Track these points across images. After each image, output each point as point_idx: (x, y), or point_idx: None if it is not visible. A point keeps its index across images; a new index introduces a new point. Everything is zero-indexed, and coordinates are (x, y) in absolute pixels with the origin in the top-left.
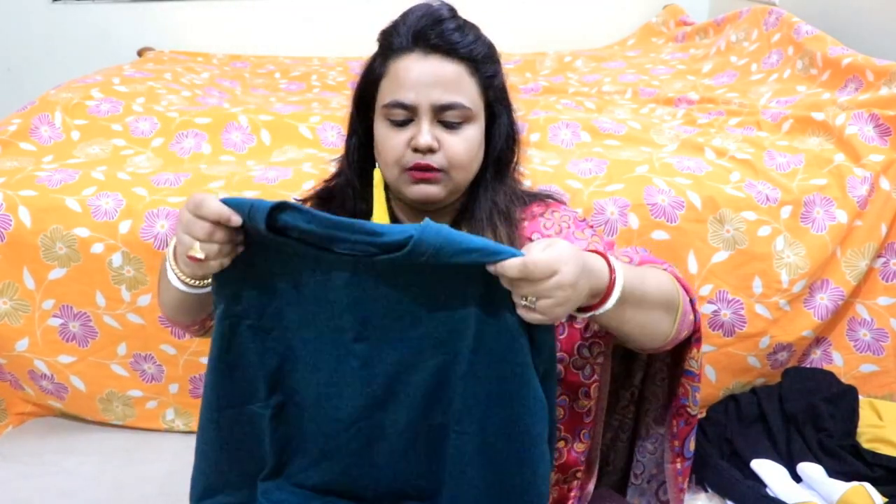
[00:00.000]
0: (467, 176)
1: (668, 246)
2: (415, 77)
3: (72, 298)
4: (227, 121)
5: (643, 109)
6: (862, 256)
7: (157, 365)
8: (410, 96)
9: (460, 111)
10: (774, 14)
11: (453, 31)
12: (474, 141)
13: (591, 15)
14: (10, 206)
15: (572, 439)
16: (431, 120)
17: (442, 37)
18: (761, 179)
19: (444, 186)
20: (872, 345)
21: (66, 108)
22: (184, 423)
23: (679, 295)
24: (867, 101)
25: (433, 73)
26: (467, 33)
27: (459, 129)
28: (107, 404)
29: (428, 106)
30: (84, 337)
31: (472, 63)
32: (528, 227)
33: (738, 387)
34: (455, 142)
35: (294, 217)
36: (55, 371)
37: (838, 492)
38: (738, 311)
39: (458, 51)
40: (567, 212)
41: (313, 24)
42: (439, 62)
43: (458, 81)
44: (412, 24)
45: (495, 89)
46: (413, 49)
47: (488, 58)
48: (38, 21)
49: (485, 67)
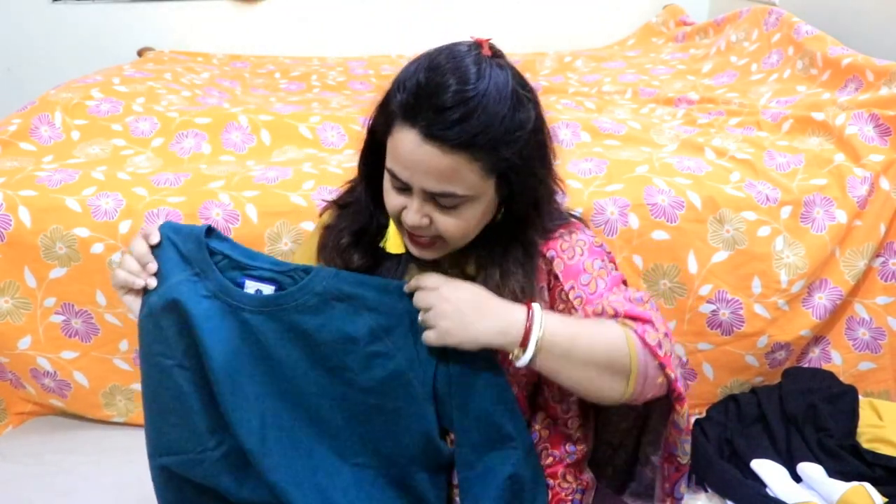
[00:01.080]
0: (465, 241)
1: (668, 246)
2: (409, 159)
3: (73, 297)
4: (227, 121)
5: (643, 109)
6: (861, 256)
7: None
8: (405, 175)
9: (453, 199)
10: (774, 14)
11: (454, 124)
12: (471, 219)
13: (591, 15)
14: (10, 206)
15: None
16: (424, 199)
17: (440, 128)
18: (761, 179)
19: (440, 249)
20: (871, 343)
21: (66, 108)
22: None
23: (632, 359)
24: (867, 101)
25: (426, 162)
26: (471, 124)
27: (454, 210)
28: (109, 399)
29: (420, 189)
30: (86, 333)
31: (475, 150)
32: (546, 245)
33: (735, 385)
34: (446, 221)
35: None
36: (58, 367)
37: (838, 492)
38: (737, 310)
39: (458, 146)
40: (584, 236)
41: (313, 24)
42: (435, 153)
43: (452, 173)
44: (417, 93)
45: (512, 161)
46: (413, 126)
47: (501, 140)
48: (38, 21)
49: (494, 150)
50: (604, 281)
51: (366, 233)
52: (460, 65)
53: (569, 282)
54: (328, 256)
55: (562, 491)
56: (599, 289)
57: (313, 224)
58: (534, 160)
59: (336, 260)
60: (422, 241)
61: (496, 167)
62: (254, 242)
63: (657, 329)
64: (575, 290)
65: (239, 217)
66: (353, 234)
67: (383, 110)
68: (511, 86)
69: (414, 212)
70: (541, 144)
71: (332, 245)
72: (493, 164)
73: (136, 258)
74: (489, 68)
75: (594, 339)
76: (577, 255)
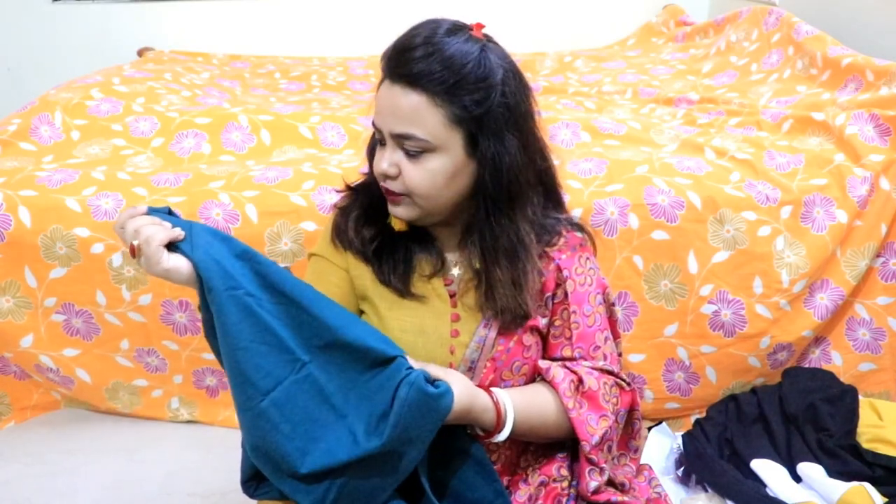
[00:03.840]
0: (437, 202)
1: (668, 246)
2: (381, 104)
3: (73, 297)
4: (227, 121)
5: (643, 109)
6: (862, 256)
7: (161, 358)
8: (377, 121)
9: (416, 142)
10: (774, 14)
11: (418, 60)
12: (437, 173)
13: (591, 15)
14: (10, 206)
15: None
16: (394, 146)
17: (404, 66)
18: (761, 179)
19: (412, 209)
20: (871, 344)
21: (66, 108)
22: (188, 412)
23: (566, 421)
24: (867, 101)
25: (392, 102)
26: (433, 62)
27: (419, 159)
28: (113, 394)
29: (388, 133)
30: (87, 332)
31: (437, 94)
32: (563, 261)
33: (737, 387)
34: (411, 170)
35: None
36: (61, 365)
37: (838, 492)
38: (739, 311)
39: (417, 81)
40: (594, 265)
41: (313, 24)
42: (400, 92)
43: (413, 113)
44: (391, 49)
45: (482, 119)
46: (386, 76)
47: (462, 88)
48: (38, 21)
49: (455, 97)
50: (601, 317)
51: (372, 207)
52: (434, 22)
53: (573, 305)
54: (342, 238)
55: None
56: (595, 325)
57: (313, 224)
58: (503, 127)
59: (352, 238)
60: (393, 198)
61: (458, 119)
62: (254, 242)
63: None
64: (576, 315)
65: (239, 217)
66: (364, 210)
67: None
68: (481, 47)
69: (384, 158)
70: (515, 115)
71: (345, 225)
72: (455, 113)
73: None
74: (464, 34)
75: (543, 416)
76: (586, 285)
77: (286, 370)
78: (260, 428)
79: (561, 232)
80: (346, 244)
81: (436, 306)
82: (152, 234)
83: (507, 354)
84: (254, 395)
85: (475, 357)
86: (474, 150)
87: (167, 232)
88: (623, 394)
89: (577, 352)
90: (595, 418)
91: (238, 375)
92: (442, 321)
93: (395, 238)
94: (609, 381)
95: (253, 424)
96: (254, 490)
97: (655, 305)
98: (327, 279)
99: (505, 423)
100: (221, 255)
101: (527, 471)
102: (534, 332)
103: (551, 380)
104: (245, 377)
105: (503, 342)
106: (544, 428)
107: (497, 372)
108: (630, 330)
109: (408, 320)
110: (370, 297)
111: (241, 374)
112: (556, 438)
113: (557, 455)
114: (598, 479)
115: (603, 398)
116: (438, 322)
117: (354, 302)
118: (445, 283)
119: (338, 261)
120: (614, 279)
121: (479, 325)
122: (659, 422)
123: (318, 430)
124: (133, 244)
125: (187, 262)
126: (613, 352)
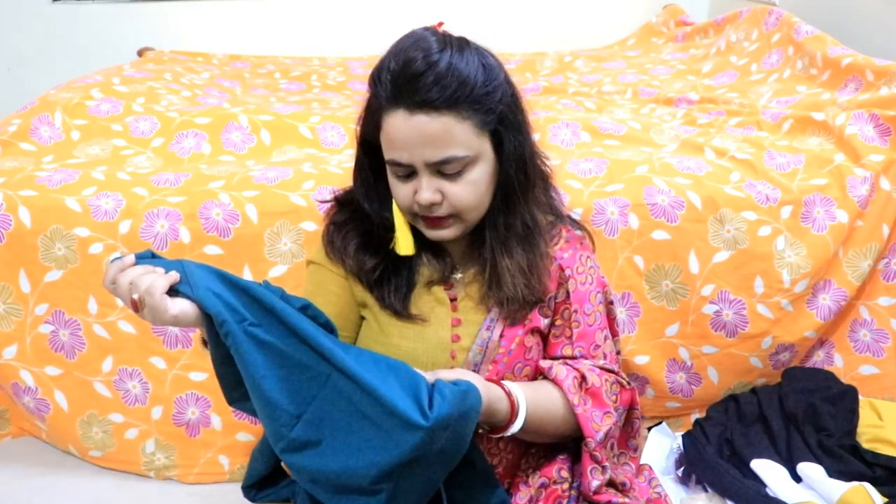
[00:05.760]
0: (481, 212)
1: (668, 246)
2: (404, 137)
3: (64, 304)
4: (227, 121)
5: (643, 109)
6: (864, 257)
7: (143, 382)
8: (405, 156)
9: (456, 163)
10: (774, 14)
11: (431, 86)
12: (480, 182)
13: (591, 15)
14: (10, 206)
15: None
16: (431, 174)
17: (421, 94)
18: (761, 179)
19: (458, 227)
20: (872, 345)
21: (66, 108)
22: (165, 456)
23: (571, 417)
24: (867, 101)
25: (420, 132)
26: (448, 82)
27: (461, 176)
28: (86, 429)
29: (422, 164)
30: (72, 347)
31: (460, 108)
32: (565, 260)
33: (739, 387)
34: (457, 190)
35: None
36: (40, 384)
37: (838, 492)
38: (741, 311)
39: (442, 104)
40: (595, 263)
41: (313, 24)
42: (425, 119)
43: (446, 135)
44: (392, 77)
45: (499, 114)
46: (398, 106)
47: (480, 93)
48: (38, 21)
49: (477, 104)
50: (601, 316)
51: (372, 234)
52: (420, 39)
53: (574, 304)
54: (337, 256)
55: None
56: (595, 324)
57: (313, 224)
58: (517, 116)
59: (349, 262)
60: (438, 221)
61: (485, 122)
62: (254, 242)
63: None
64: (577, 314)
65: (239, 217)
66: (361, 236)
67: (369, 112)
68: (472, 45)
69: (425, 189)
70: (517, 100)
71: (341, 245)
72: (482, 118)
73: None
74: (448, 37)
75: (550, 414)
76: (587, 283)
77: (314, 387)
78: (304, 456)
79: (560, 229)
80: (345, 268)
81: (436, 312)
82: (152, 284)
83: (508, 357)
84: (287, 422)
85: (478, 360)
86: (500, 147)
87: (165, 278)
88: (623, 392)
89: (578, 350)
90: (599, 415)
91: (266, 406)
92: (442, 326)
93: (398, 261)
94: (610, 378)
95: (292, 461)
96: (254, 495)
97: (657, 305)
98: (327, 288)
99: (518, 412)
100: (220, 289)
101: (527, 473)
102: (535, 334)
103: (554, 377)
104: (275, 405)
105: (504, 344)
106: (552, 422)
107: (499, 375)
108: (633, 331)
109: (408, 327)
110: (370, 304)
111: (269, 403)
112: (562, 435)
113: (558, 457)
114: (599, 478)
115: (606, 395)
116: (439, 327)
117: (355, 309)
118: (445, 287)
119: (336, 269)
120: (617, 279)
121: (480, 328)
122: (659, 422)
123: (358, 440)
124: (134, 298)
125: (191, 304)
126: (612, 350)
